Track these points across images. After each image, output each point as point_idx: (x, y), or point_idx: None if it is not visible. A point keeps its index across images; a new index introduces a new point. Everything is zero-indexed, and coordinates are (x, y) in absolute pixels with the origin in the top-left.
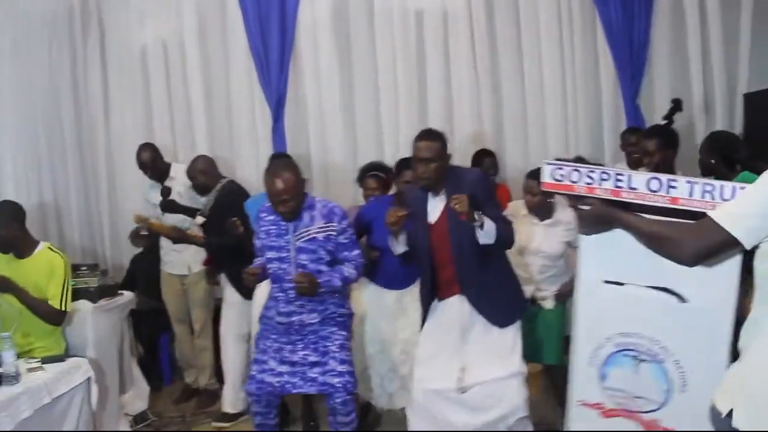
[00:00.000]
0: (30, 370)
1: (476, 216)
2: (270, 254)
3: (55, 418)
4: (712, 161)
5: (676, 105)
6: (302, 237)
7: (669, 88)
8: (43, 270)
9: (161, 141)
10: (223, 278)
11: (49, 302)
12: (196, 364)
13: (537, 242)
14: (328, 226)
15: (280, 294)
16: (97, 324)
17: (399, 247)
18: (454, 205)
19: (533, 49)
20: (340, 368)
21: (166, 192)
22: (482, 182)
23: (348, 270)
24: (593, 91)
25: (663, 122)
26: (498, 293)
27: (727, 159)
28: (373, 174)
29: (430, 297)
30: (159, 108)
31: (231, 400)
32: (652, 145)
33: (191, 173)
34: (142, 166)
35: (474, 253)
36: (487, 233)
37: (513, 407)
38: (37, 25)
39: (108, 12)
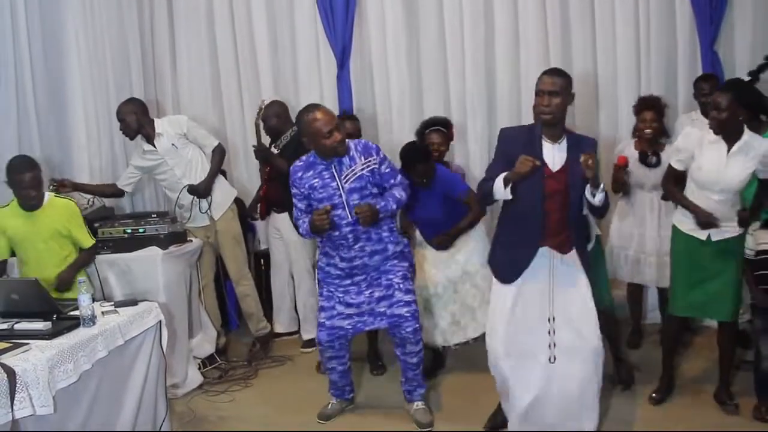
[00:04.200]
0: (105, 313)
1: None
2: (323, 205)
3: (129, 358)
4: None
5: None
6: (349, 178)
7: (751, 34)
8: (60, 217)
9: (227, 89)
10: (278, 220)
11: (82, 243)
12: (243, 312)
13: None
14: (368, 161)
15: (342, 241)
16: (167, 270)
17: (508, 192)
18: (587, 161)
19: None
20: (407, 298)
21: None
22: (596, 150)
23: (398, 193)
24: (667, 34)
25: (747, 78)
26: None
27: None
28: (436, 129)
29: (533, 246)
30: (225, 57)
31: (310, 328)
32: (723, 100)
33: (266, 115)
34: (127, 129)
35: (578, 213)
36: (599, 200)
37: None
38: None
39: None
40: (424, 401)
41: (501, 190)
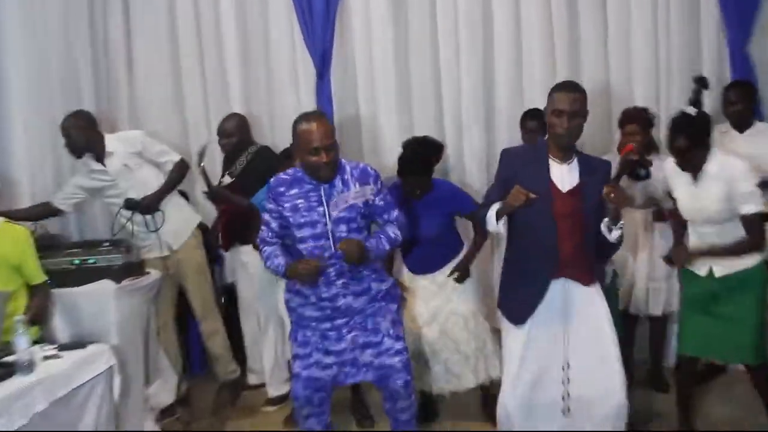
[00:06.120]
0: (46, 357)
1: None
2: (301, 232)
3: (73, 411)
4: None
5: None
6: (339, 206)
7: None
8: (9, 244)
9: (191, 100)
10: (243, 253)
11: (32, 278)
12: (208, 354)
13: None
14: (364, 190)
15: (322, 277)
16: (121, 306)
17: (500, 226)
18: (611, 194)
19: None
20: (397, 346)
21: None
22: (610, 173)
23: (393, 232)
24: (690, 35)
25: (692, 111)
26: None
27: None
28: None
29: (546, 277)
30: (189, 64)
31: (276, 383)
32: (683, 141)
33: (225, 130)
34: (73, 145)
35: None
36: (615, 237)
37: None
38: None
39: None
40: None
41: (493, 224)
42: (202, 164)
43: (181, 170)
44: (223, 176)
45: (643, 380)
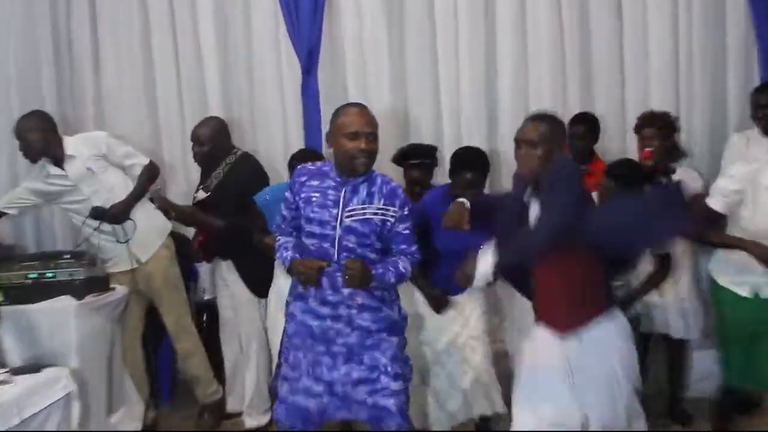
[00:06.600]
0: None
1: None
2: (310, 227)
3: None
4: None
5: None
6: (355, 215)
7: None
8: None
9: (165, 101)
10: (224, 269)
11: None
12: (185, 376)
13: None
14: (387, 209)
15: (324, 279)
16: (82, 325)
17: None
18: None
19: None
20: (394, 386)
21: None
22: None
23: (404, 265)
24: (715, 31)
25: None
26: None
27: None
28: (419, 162)
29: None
30: (163, 61)
31: (255, 412)
32: None
33: (197, 138)
34: (29, 149)
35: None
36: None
37: None
38: None
39: None
40: None
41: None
42: (158, 193)
43: (150, 174)
44: (197, 191)
45: (659, 411)
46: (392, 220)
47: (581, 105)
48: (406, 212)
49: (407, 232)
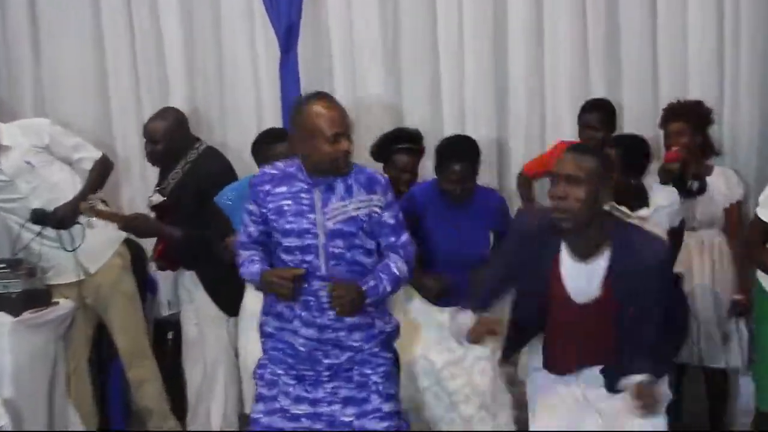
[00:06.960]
0: None
1: None
2: (288, 241)
3: None
4: None
5: None
6: (337, 215)
7: None
8: None
9: (117, 84)
10: (188, 279)
11: None
12: (138, 405)
13: None
14: (370, 199)
15: (310, 298)
16: (19, 346)
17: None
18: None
19: None
20: (386, 407)
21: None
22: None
23: (397, 265)
24: (766, 12)
25: None
26: None
27: None
28: (406, 147)
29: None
30: (114, 37)
31: None
32: None
33: (150, 134)
34: None
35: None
36: None
37: None
38: None
39: None
40: None
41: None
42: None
43: (103, 170)
44: (152, 195)
45: None
46: (377, 210)
47: (606, 91)
48: (390, 198)
49: (393, 221)
